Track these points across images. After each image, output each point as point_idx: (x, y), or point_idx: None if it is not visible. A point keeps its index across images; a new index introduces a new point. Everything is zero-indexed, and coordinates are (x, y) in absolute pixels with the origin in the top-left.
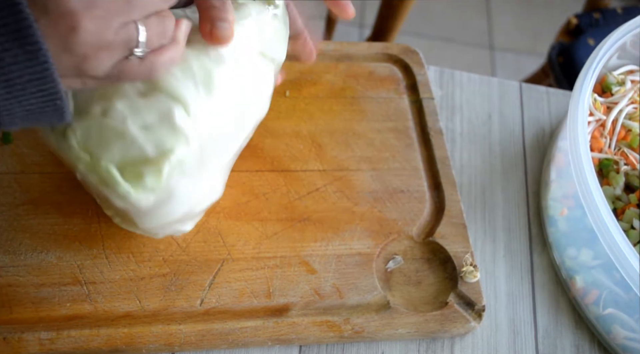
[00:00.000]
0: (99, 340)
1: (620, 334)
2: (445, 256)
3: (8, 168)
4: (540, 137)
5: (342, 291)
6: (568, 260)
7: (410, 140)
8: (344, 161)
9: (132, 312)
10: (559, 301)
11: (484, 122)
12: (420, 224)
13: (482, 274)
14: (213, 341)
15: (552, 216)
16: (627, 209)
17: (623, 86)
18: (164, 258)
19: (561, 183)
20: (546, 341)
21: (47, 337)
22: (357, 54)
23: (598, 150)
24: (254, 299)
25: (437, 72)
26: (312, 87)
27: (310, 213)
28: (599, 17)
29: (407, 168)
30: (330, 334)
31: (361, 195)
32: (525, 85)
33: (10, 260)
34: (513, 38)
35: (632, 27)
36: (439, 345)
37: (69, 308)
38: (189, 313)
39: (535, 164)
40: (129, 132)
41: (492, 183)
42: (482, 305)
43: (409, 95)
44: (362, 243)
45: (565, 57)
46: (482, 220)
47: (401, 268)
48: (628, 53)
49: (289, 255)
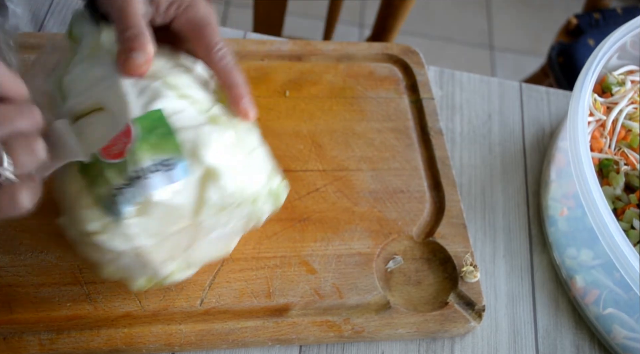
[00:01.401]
0: (99, 340)
1: (621, 333)
2: (445, 256)
3: None
4: (540, 137)
5: (342, 291)
6: (568, 260)
7: (410, 140)
8: (344, 161)
9: (132, 312)
10: (559, 301)
11: (484, 122)
12: (420, 224)
13: (482, 274)
14: (213, 341)
15: (552, 216)
16: (627, 209)
17: (623, 86)
18: None
19: (561, 183)
20: (546, 341)
21: (47, 337)
22: (357, 54)
23: (598, 150)
24: (254, 299)
25: (437, 72)
26: (312, 87)
27: (310, 213)
28: (599, 18)
29: (407, 168)
30: (330, 334)
31: (361, 195)
32: (525, 85)
33: (10, 260)
34: (513, 38)
35: (632, 27)
36: (439, 345)
37: (69, 308)
38: (189, 313)
39: (535, 164)
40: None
41: (492, 183)
42: (482, 305)
43: (409, 95)
44: (362, 243)
45: (565, 57)
46: (482, 220)
47: (401, 267)
48: (628, 53)
49: (289, 255)
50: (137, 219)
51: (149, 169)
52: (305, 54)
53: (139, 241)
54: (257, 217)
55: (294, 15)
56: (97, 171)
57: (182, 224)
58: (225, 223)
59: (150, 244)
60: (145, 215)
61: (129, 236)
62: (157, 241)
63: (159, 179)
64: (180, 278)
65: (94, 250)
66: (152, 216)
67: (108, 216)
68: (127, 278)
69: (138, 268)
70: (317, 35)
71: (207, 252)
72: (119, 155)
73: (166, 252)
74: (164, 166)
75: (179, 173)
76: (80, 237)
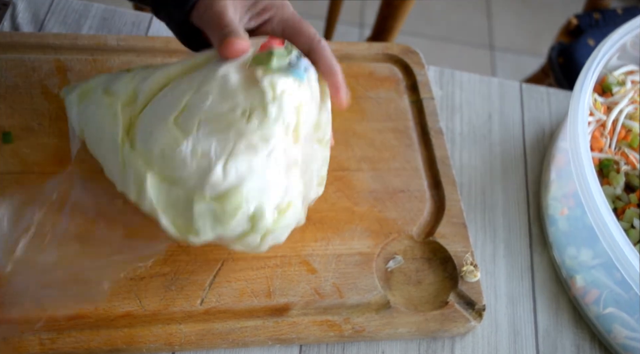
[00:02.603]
0: (99, 340)
1: (621, 333)
2: (445, 255)
3: (8, 168)
4: (540, 137)
5: (342, 291)
6: (568, 259)
7: (411, 140)
8: (344, 161)
9: (132, 312)
10: (559, 300)
11: (484, 122)
12: (420, 223)
13: (482, 273)
14: (213, 340)
15: (553, 216)
16: (627, 208)
17: (623, 86)
18: (164, 258)
19: (561, 183)
20: (546, 340)
21: (47, 337)
22: (357, 54)
23: (598, 150)
24: (254, 298)
25: (437, 72)
26: None
27: (311, 213)
28: (599, 18)
29: (407, 168)
30: (330, 334)
31: (361, 195)
32: (525, 86)
33: (10, 260)
34: (513, 38)
35: (632, 27)
36: (439, 345)
37: (69, 308)
38: (189, 313)
39: (535, 164)
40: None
41: (492, 183)
42: (482, 304)
43: (409, 95)
44: (362, 243)
45: (566, 57)
46: (482, 220)
47: (401, 267)
48: (628, 53)
49: (289, 255)
50: (303, 94)
51: (301, 54)
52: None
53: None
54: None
55: None
56: (266, 57)
57: (313, 124)
58: (319, 158)
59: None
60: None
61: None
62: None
63: (308, 64)
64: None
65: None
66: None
67: (295, 78)
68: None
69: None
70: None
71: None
72: (280, 44)
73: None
74: (307, 59)
75: (312, 71)
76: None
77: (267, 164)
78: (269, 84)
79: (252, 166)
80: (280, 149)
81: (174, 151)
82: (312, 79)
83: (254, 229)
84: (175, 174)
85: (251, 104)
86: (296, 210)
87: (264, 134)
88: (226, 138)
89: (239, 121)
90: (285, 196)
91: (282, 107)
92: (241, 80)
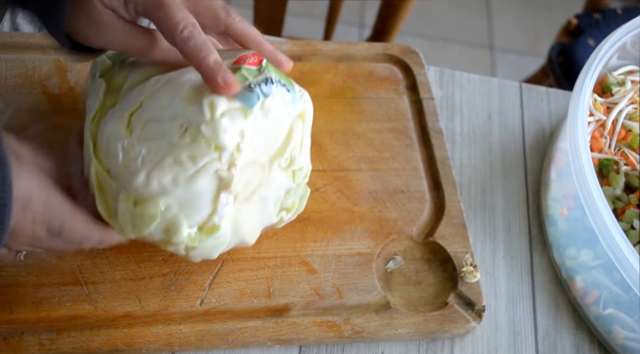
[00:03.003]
0: (99, 340)
1: (621, 334)
2: (445, 256)
3: None
4: (540, 137)
5: (342, 291)
6: (568, 260)
7: (410, 140)
8: (344, 161)
9: (132, 312)
10: (559, 301)
11: (484, 122)
12: (420, 224)
13: (482, 274)
14: (213, 341)
15: (552, 216)
16: (627, 209)
17: (623, 86)
18: (164, 258)
19: (561, 183)
20: (546, 341)
21: (47, 337)
22: (357, 54)
23: (598, 150)
24: (254, 299)
25: (437, 72)
26: (312, 87)
27: (310, 213)
28: (599, 18)
29: (407, 168)
30: (330, 334)
31: (361, 195)
32: (525, 86)
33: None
34: (513, 38)
35: (632, 27)
36: (439, 345)
37: (69, 308)
38: (189, 313)
39: (535, 164)
40: None
41: (492, 183)
42: (482, 305)
43: (409, 95)
44: (362, 243)
45: (566, 57)
46: (482, 220)
47: (401, 268)
48: (628, 53)
49: (289, 255)
50: (251, 121)
51: (275, 80)
52: (305, 54)
53: (242, 143)
54: (287, 206)
55: (294, 15)
56: (232, 72)
57: (272, 152)
58: (278, 186)
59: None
60: (256, 120)
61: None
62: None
63: (280, 90)
64: (224, 238)
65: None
66: (259, 127)
67: (242, 104)
68: (177, 223)
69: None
70: (317, 36)
71: (251, 218)
72: (254, 64)
73: (241, 183)
74: (282, 85)
75: (292, 96)
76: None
77: (193, 182)
78: (209, 104)
79: (177, 180)
80: (211, 171)
81: (115, 145)
82: (274, 106)
83: (171, 242)
84: (112, 168)
85: (189, 119)
86: (224, 233)
87: (193, 153)
88: (158, 147)
89: (175, 133)
90: (213, 217)
91: (217, 130)
92: (192, 92)
